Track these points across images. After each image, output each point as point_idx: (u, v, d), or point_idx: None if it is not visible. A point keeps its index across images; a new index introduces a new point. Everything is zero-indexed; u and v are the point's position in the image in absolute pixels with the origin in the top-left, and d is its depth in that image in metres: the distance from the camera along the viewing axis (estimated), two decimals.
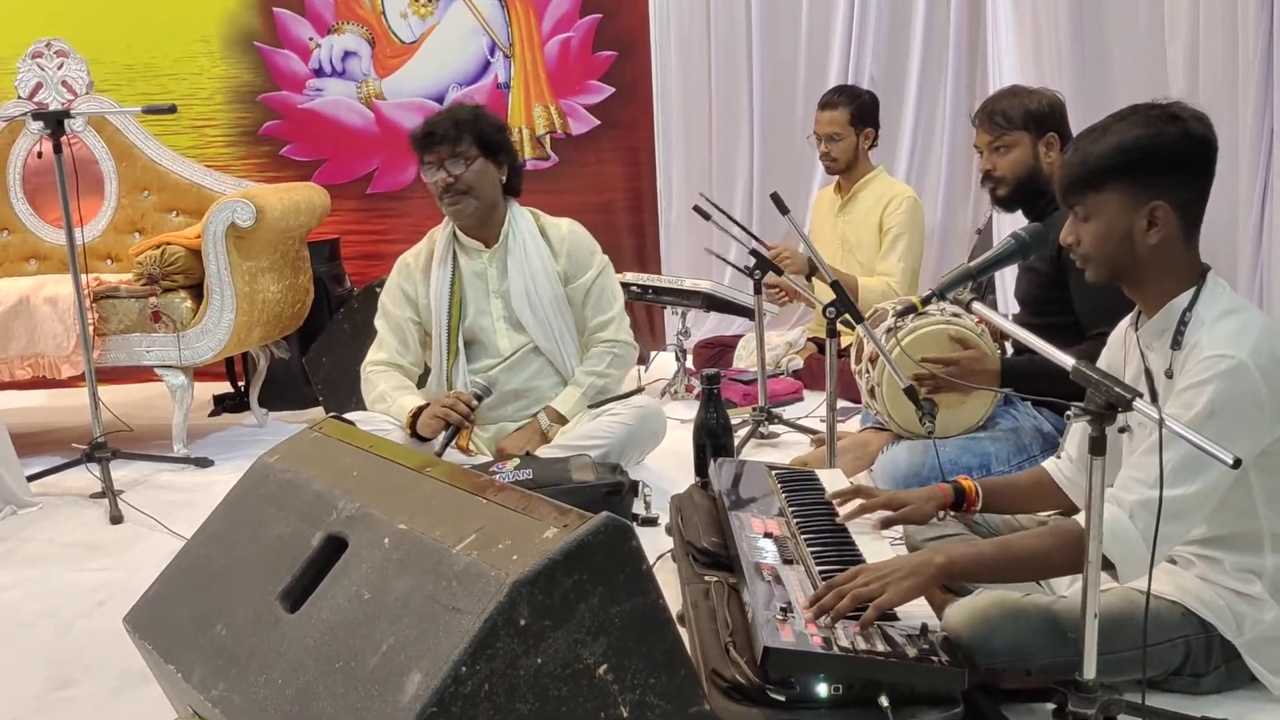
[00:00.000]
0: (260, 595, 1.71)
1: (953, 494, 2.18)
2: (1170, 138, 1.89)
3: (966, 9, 5.03)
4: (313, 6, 5.32)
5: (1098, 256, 1.96)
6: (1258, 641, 1.92)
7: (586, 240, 3.46)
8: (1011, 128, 2.99)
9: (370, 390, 3.39)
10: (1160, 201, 1.89)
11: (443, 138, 3.22)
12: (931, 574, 1.87)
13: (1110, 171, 1.90)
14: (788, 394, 4.31)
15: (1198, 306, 1.91)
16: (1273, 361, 1.83)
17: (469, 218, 3.30)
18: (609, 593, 1.47)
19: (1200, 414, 1.79)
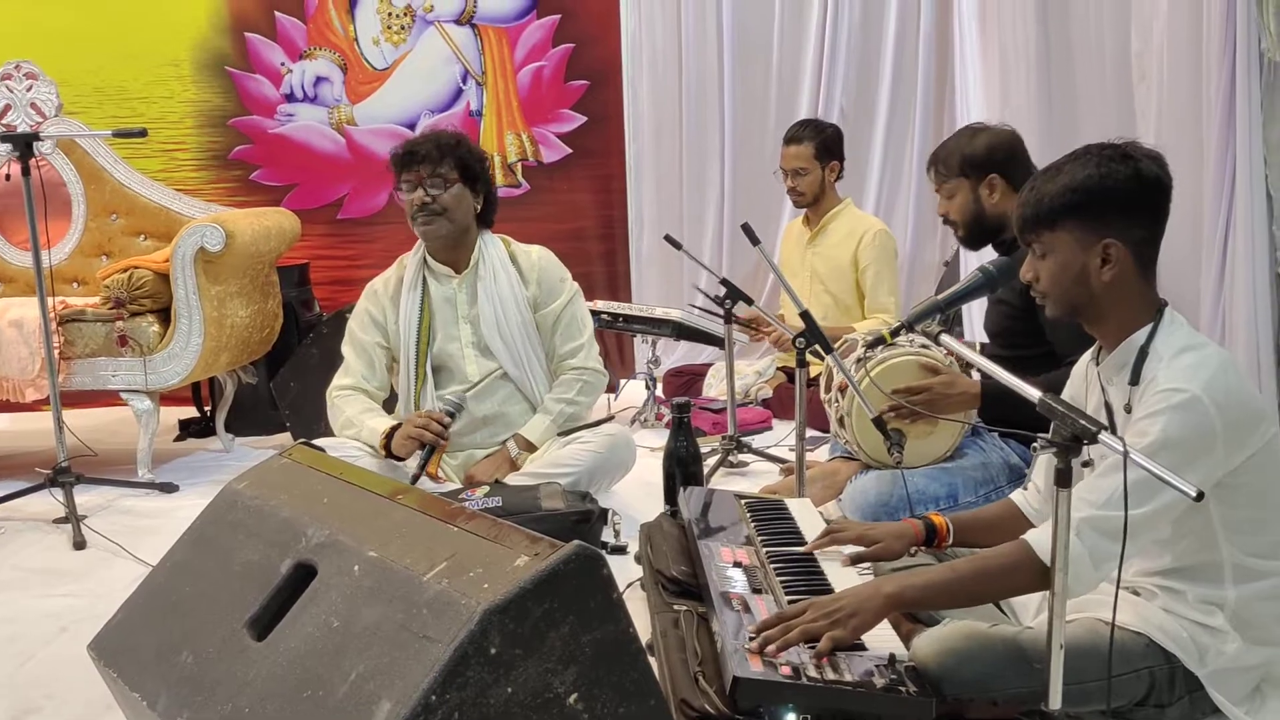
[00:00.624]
0: (227, 623, 1.70)
1: (924, 531, 2.19)
2: (1121, 177, 1.93)
3: (935, 45, 5.10)
4: (285, 32, 5.32)
5: (1055, 293, 2.01)
6: (1220, 673, 1.94)
7: (556, 267, 3.47)
8: (950, 175, 3.06)
9: (337, 415, 3.38)
10: (1113, 240, 1.94)
11: (424, 157, 3.24)
12: (879, 607, 1.88)
13: (1063, 210, 1.95)
14: (757, 423, 4.33)
15: (1155, 342, 1.95)
16: (1227, 395, 1.86)
17: (440, 239, 3.31)
18: (580, 621, 1.47)
19: (1153, 444, 1.82)
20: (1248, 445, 1.89)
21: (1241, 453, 1.89)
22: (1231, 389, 1.88)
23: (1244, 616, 1.94)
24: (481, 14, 5.33)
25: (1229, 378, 1.89)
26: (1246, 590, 1.94)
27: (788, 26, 5.21)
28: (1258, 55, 2.62)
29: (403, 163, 3.27)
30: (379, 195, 5.40)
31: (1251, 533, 1.93)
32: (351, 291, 5.03)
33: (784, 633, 1.84)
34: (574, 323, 3.45)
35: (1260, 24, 2.58)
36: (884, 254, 4.38)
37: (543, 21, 5.33)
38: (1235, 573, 1.94)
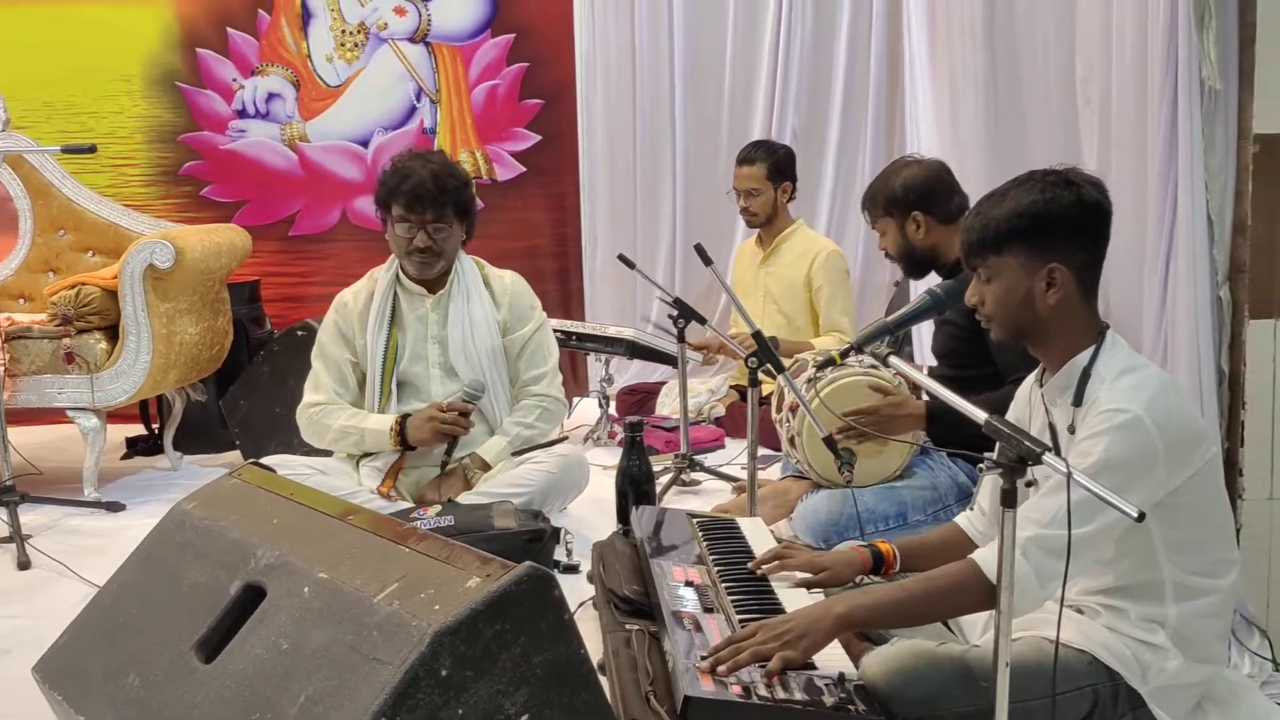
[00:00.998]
0: (175, 645, 1.69)
1: (871, 558, 2.21)
2: (1065, 203, 1.98)
3: (886, 68, 5.16)
4: (237, 48, 5.30)
5: (1000, 317, 2.05)
6: (1162, 690, 1.97)
7: (527, 294, 3.50)
8: (877, 215, 3.16)
9: (321, 431, 3.34)
10: (1056, 264, 1.98)
11: (429, 203, 3.23)
12: (829, 628, 1.90)
13: (1009, 235, 1.99)
14: (710, 441, 4.34)
15: (1098, 363, 1.98)
16: (1168, 417, 1.90)
17: (432, 274, 3.33)
18: (531, 643, 1.48)
19: (1096, 464, 1.85)
20: (1188, 465, 1.93)
21: (1182, 473, 1.92)
22: (1172, 410, 1.92)
23: (1185, 634, 1.98)
24: (436, 32, 5.33)
25: (1170, 399, 1.93)
26: (1187, 608, 1.98)
27: (740, 48, 5.25)
28: (1199, 83, 2.66)
29: (403, 202, 3.24)
30: (331, 212, 5.38)
31: (1192, 552, 1.97)
32: (303, 308, 5.02)
33: (734, 654, 1.85)
34: (540, 350, 3.46)
35: (1201, 52, 2.63)
36: (836, 274, 4.43)
37: (497, 40, 5.34)
38: (1176, 591, 1.97)
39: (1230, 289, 2.71)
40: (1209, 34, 2.61)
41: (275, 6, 5.28)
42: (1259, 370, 2.68)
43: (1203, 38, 2.61)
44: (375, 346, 3.32)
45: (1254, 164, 2.64)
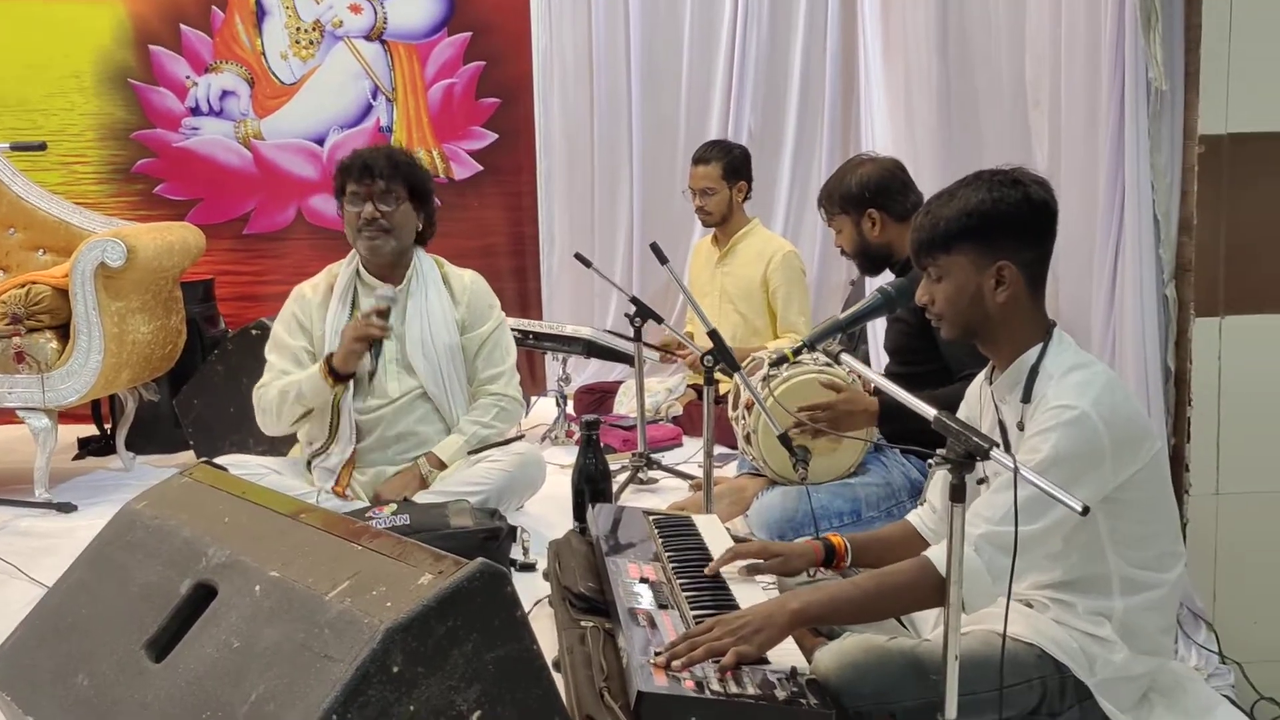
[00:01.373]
0: (125, 644, 1.68)
1: (823, 551, 2.23)
2: (1012, 201, 2.01)
3: (841, 69, 5.19)
4: (190, 45, 5.25)
5: (950, 315, 2.07)
6: (1108, 682, 2.00)
7: (486, 293, 3.50)
8: (833, 213, 3.20)
9: (268, 404, 3.30)
10: (1005, 261, 2.01)
11: (379, 173, 3.23)
12: (784, 623, 1.91)
13: (957, 235, 2.02)
14: (667, 440, 4.35)
15: (1045, 361, 2.02)
16: (1114, 413, 1.93)
17: (384, 256, 3.32)
18: (483, 639, 1.48)
19: (1045, 460, 1.88)
20: (1134, 460, 1.96)
21: (1128, 468, 1.96)
22: (1118, 406, 1.95)
23: (1131, 627, 2.01)
24: (392, 30, 5.31)
25: (1116, 395, 1.97)
26: (1133, 601, 2.01)
27: (697, 49, 5.27)
28: (1145, 84, 2.70)
29: (354, 174, 3.26)
30: (287, 210, 5.35)
31: (1137, 546, 2.01)
32: (258, 308, 4.99)
33: (690, 649, 1.86)
34: (498, 349, 3.46)
35: (1148, 53, 2.67)
36: (793, 274, 4.46)
37: (454, 39, 5.33)
38: (1122, 585, 2.01)
39: (1176, 287, 2.75)
40: (1155, 36, 2.65)
41: (229, 4, 5.23)
42: (1204, 367, 2.73)
43: (1149, 39, 2.65)
44: (333, 337, 3.30)
45: (1199, 164, 2.69)
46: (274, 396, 3.28)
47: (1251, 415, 2.74)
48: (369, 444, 3.30)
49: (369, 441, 3.30)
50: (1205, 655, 2.66)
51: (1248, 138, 2.68)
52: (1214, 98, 2.67)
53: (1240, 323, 2.73)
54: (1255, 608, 2.79)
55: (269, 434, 3.42)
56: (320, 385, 3.21)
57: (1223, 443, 2.76)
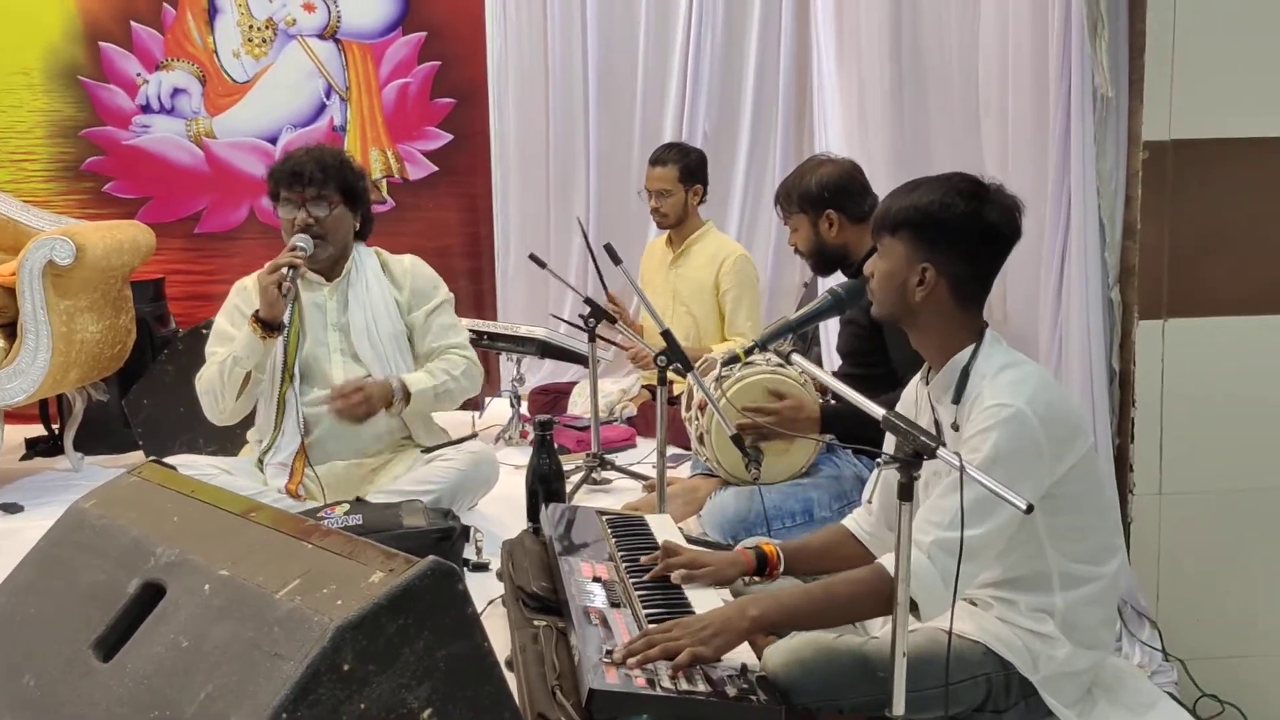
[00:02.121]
0: (72, 644, 1.66)
1: (754, 560, 2.23)
2: (958, 212, 2.03)
3: (795, 74, 5.23)
4: (141, 42, 5.20)
5: (879, 294, 2.13)
6: (1052, 678, 2.03)
7: (429, 274, 3.49)
8: (791, 211, 3.22)
9: (208, 382, 3.24)
10: (929, 264, 2.04)
11: (309, 179, 3.21)
12: (744, 629, 1.94)
13: (901, 223, 2.07)
14: (620, 440, 4.36)
15: (977, 361, 2.04)
16: (1049, 409, 1.97)
17: (321, 263, 3.31)
18: (435, 637, 1.48)
19: (985, 460, 1.90)
20: (1070, 455, 2.00)
21: (1064, 463, 1.99)
22: (1053, 402, 1.99)
23: (1072, 621, 2.04)
24: (345, 29, 5.29)
25: (1049, 392, 2.01)
26: (1073, 596, 2.04)
27: (652, 52, 5.28)
28: (1091, 90, 2.75)
29: (286, 181, 3.24)
30: (239, 209, 5.31)
31: (1075, 540, 2.04)
32: (209, 307, 4.92)
33: (646, 647, 1.88)
34: (451, 325, 3.46)
35: (1094, 60, 2.72)
36: (744, 278, 4.48)
37: (408, 39, 5.31)
38: (1062, 580, 2.04)
39: (1120, 291, 2.79)
40: (1102, 43, 2.69)
41: (181, 1, 5.19)
42: (1148, 369, 2.78)
43: (1095, 47, 2.69)
44: None
45: (1143, 170, 2.73)
46: (213, 373, 3.22)
47: (1194, 416, 2.79)
48: (319, 436, 3.28)
49: (318, 434, 3.28)
50: (1149, 652, 2.71)
51: (1191, 143, 2.73)
52: (1158, 104, 2.71)
53: (1183, 325, 2.78)
54: (1197, 606, 2.84)
55: (215, 421, 3.33)
56: (252, 340, 3.15)
57: (1166, 443, 2.80)
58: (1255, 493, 2.83)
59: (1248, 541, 2.85)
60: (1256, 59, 2.73)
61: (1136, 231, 2.76)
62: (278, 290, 3.08)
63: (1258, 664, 2.86)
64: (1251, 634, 2.87)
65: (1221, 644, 2.83)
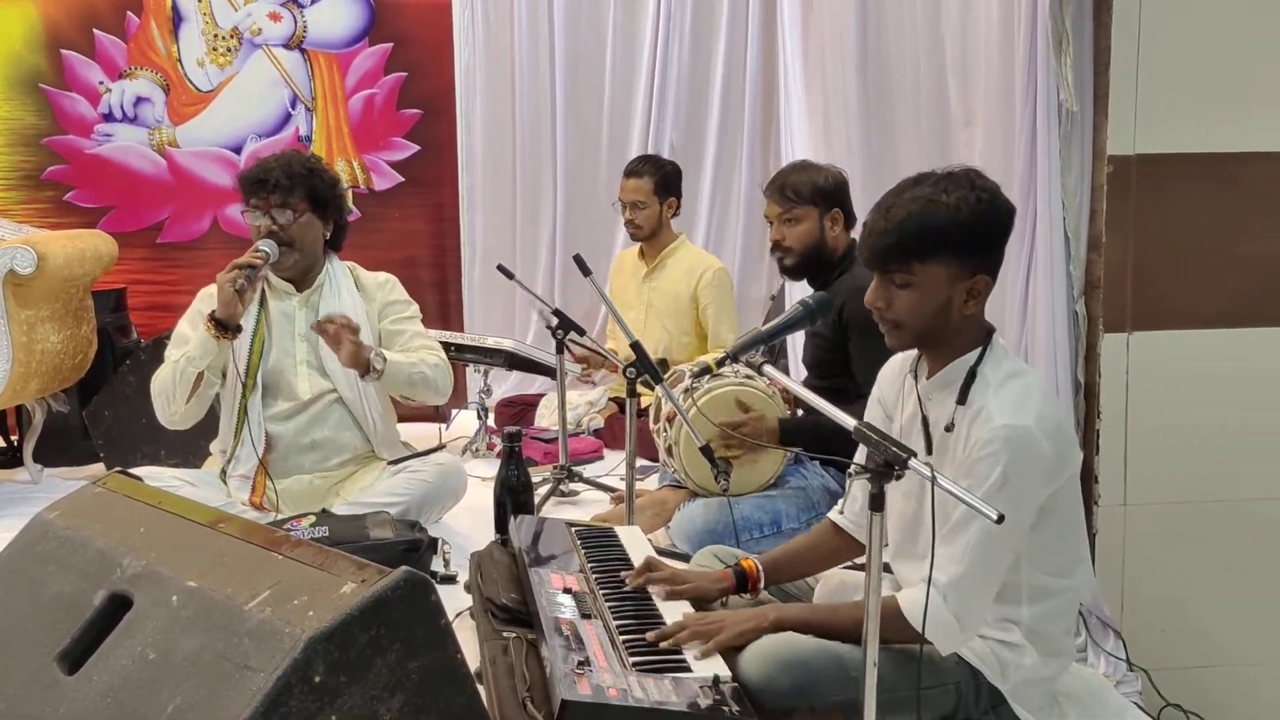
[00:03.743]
0: (36, 657, 1.64)
1: (734, 578, 2.24)
2: (998, 212, 2.00)
3: (761, 87, 5.25)
4: (104, 50, 5.15)
5: (912, 325, 2.02)
6: (1020, 686, 2.05)
7: (401, 290, 3.48)
8: (801, 202, 3.15)
9: (161, 383, 3.19)
10: (983, 275, 1.99)
11: (275, 186, 3.18)
12: (765, 628, 2.00)
13: (937, 248, 1.95)
14: (588, 453, 4.35)
15: (984, 366, 2.01)
16: (1056, 427, 1.97)
17: (288, 270, 3.28)
18: (407, 648, 1.47)
19: (994, 484, 1.89)
20: (1065, 471, 2.01)
21: (1060, 479, 2.00)
22: (1058, 420, 2.00)
23: (1038, 631, 2.06)
24: (311, 39, 5.26)
25: (1053, 408, 2.01)
26: (1040, 608, 2.06)
27: (619, 64, 5.29)
28: (1057, 105, 2.78)
29: (252, 189, 3.21)
30: (202, 219, 5.26)
31: (1051, 555, 2.05)
32: (171, 318, 4.84)
33: (677, 630, 1.99)
34: (422, 335, 3.43)
35: (1059, 76, 2.75)
36: (723, 291, 4.49)
37: (374, 49, 5.29)
38: (1031, 592, 2.05)
39: (1085, 303, 2.83)
40: (1067, 59, 2.72)
41: (144, 9, 5.14)
42: (1112, 381, 2.81)
43: (1061, 62, 2.73)
44: (241, 339, 3.21)
45: (1108, 184, 2.77)
46: (167, 373, 3.18)
47: (1158, 428, 2.83)
48: (281, 451, 3.25)
49: (281, 448, 3.25)
50: (1113, 662, 2.73)
51: (1155, 158, 2.77)
52: (1122, 119, 2.75)
53: (1147, 338, 2.81)
54: (1162, 616, 2.87)
55: (166, 424, 3.27)
56: (206, 339, 3.10)
57: (1130, 455, 2.84)
58: (1219, 504, 2.87)
59: (1212, 553, 2.88)
60: (1219, 75, 2.77)
61: (1101, 245, 2.79)
62: (232, 289, 3.04)
63: (1221, 674, 2.90)
64: (1215, 644, 2.90)
65: (1185, 654, 2.86)
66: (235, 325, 3.11)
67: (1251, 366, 2.85)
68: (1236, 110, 2.79)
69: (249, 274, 3.05)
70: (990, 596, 1.97)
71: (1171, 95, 2.76)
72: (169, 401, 3.20)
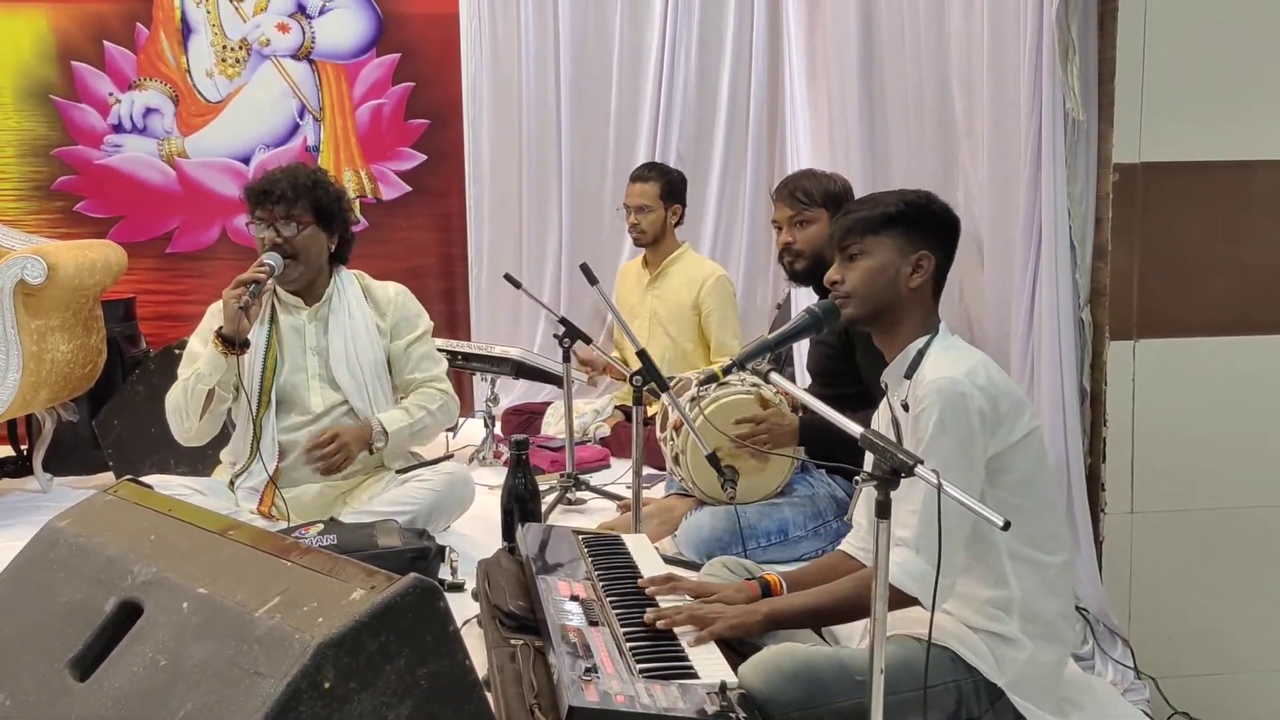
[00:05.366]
0: (48, 663, 1.65)
1: (760, 590, 2.26)
2: (940, 205, 2.25)
3: (767, 95, 5.27)
4: (113, 62, 5.18)
5: (863, 293, 2.21)
6: (1019, 681, 2.05)
7: (413, 303, 3.49)
8: (812, 204, 3.19)
9: (174, 400, 3.21)
10: (926, 252, 2.19)
11: (279, 198, 3.20)
12: (758, 621, 2.08)
13: (893, 219, 2.20)
14: (594, 461, 4.36)
15: (931, 347, 2.17)
16: (989, 381, 2.08)
17: (293, 282, 3.29)
18: (416, 655, 1.48)
19: (934, 432, 2.03)
20: (1013, 430, 2.08)
21: (1006, 437, 2.07)
22: (992, 377, 2.10)
23: (1029, 615, 2.08)
24: (320, 50, 5.29)
25: (990, 369, 2.12)
26: (1026, 583, 2.08)
27: (626, 73, 5.31)
28: (1063, 114, 2.78)
29: (257, 200, 3.22)
30: (211, 229, 5.29)
31: (1019, 520, 2.04)
32: (180, 327, 4.92)
33: (675, 613, 2.10)
34: (431, 355, 3.45)
35: (1065, 85, 2.75)
36: (725, 299, 4.51)
37: (382, 60, 5.32)
38: (1013, 564, 2.08)
39: (1091, 311, 2.83)
40: (1073, 67, 2.73)
41: (154, 20, 5.18)
42: (1119, 389, 2.81)
43: (1067, 71, 2.73)
44: (253, 355, 3.23)
45: (1113, 192, 2.77)
46: (179, 391, 3.20)
47: (1164, 435, 2.83)
48: (293, 461, 3.27)
49: (293, 458, 3.26)
50: (1121, 670, 2.73)
51: (1161, 166, 2.77)
52: (1128, 127, 2.76)
53: (1153, 346, 2.82)
54: (1169, 624, 2.87)
55: (182, 441, 3.30)
56: (215, 356, 3.11)
57: (1137, 462, 2.84)
58: (1226, 511, 2.87)
59: (1219, 560, 2.88)
60: (1224, 83, 2.78)
61: (1107, 253, 2.79)
62: (237, 305, 3.06)
63: (1229, 681, 2.89)
64: (1223, 652, 2.90)
65: (1193, 662, 2.86)
66: (243, 341, 3.12)
67: (1258, 374, 2.85)
68: (1242, 118, 2.79)
69: (253, 290, 3.07)
70: (958, 542, 2.02)
71: (1177, 104, 2.76)
72: (183, 419, 3.22)
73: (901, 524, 2.00)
